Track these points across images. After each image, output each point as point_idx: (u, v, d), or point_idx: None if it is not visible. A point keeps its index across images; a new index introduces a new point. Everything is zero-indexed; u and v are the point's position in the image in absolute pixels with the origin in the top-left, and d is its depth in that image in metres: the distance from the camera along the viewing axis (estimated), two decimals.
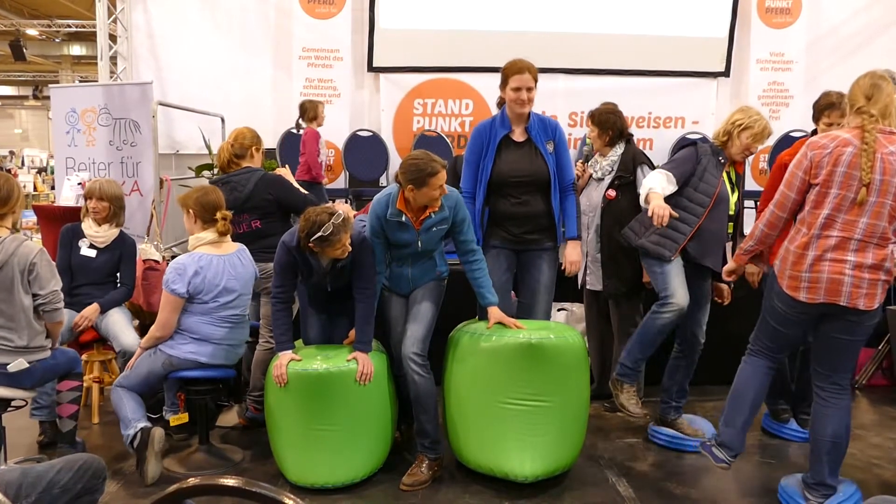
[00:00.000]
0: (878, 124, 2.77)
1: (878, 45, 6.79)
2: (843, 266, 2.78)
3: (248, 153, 3.93)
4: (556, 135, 3.67)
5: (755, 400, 3.12)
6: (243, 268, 3.54)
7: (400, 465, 3.45)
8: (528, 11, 6.64)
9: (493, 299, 3.41)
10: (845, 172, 2.76)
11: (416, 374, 3.30)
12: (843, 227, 2.79)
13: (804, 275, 2.84)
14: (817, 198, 2.83)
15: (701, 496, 3.27)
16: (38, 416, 3.74)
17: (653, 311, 3.61)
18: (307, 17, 6.55)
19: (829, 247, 2.80)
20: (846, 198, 2.77)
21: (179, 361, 3.43)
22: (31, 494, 2.07)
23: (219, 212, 3.50)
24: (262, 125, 6.58)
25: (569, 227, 3.69)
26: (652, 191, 3.43)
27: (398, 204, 3.33)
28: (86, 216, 4.05)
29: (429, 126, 6.72)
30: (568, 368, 3.25)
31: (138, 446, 3.31)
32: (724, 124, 3.61)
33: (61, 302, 3.28)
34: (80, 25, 16.70)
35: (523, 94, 3.53)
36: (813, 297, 2.83)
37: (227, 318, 3.48)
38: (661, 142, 6.80)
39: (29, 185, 14.03)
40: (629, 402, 3.67)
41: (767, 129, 3.54)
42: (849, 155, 2.77)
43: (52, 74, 22.20)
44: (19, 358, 3.16)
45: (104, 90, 5.62)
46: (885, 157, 2.74)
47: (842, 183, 2.77)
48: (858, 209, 2.77)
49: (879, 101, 2.80)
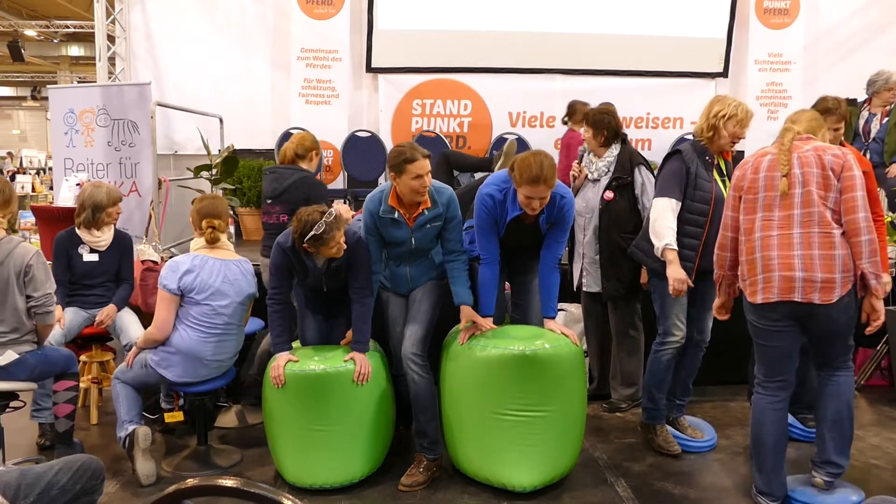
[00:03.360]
0: (791, 133, 2.94)
1: (875, 45, 6.81)
2: (791, 262, 2.82)
3: (309, 155, 4.11)
4: (561, 213, 3.40)
5: (775, 438, 3.01)
6: (242, 276, 3.50)
7: (398, 465, 3.45)
8: (527, 12, 6.65)
9: (467, 299, 3.41)
10: (766, 176, 2.92)
11: (415, 374, 3.30)
12: (782, 224, 2.87)
13: (759, 277, 2.90)
14: (746, 205, 2.97)
15: (699, 496, 3.27)
16: (39, 418, 3.74)
17: (654, 350, 3.65)
18: (305, 17, 6.55)
19: (774, 245, 2.86)
20: (772, 197, 2.89)
21: (171, 381, 3.44)
22: (30, 495, 2.07)
23: (205, 220, 3.49)
24: (261, 125, 6.64)
25: (546, 306, 3.49)
26: (668, 247, 3.40)
27: (390, 200, 3.34)
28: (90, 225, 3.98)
29: (427, 126, 6.72)
30: (563, 377, 3.23)
31: (128, 447, 3.34)
32: (706, 119, 3.51)
33: (54, 305, 3.28)
34: (79, 26, 16.69)
35: (535, 202, 3.24)
36: (768, 296, 2.87)
37: (217, 326, 3.41)
38: (660, 142, 6.81)
39: (27, 185, 14.00)
40: (667, 443, 3.70)
41: (750, 112, 3.52)
42: (767, 161, 2.94)
43: (51, 75, 22.17)
44: (7, 350, 3.15)
45: (102, 91, 5.61)
46: (801, 154, 2.89)
47: (765, 186, 2.91)
48: (789, 203, 2.85)
49: (801, 121, 3.04)
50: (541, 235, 3.45)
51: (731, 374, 4.63)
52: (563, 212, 3.40)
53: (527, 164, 3.18)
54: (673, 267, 3.41)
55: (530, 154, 3.25)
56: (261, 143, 6.59)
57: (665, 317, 3.59)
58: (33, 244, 3.47)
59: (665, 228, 3.43)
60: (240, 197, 6.07)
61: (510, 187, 3.31)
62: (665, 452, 3.67)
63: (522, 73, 6.71)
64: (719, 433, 3.91)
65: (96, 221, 3.98)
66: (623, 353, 4.24)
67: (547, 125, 6.78)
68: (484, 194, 3.36)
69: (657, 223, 3.46)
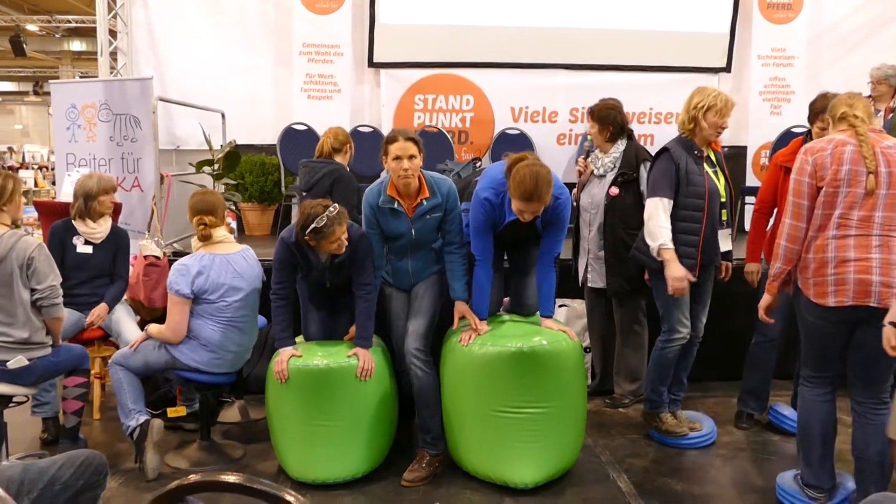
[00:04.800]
0: (865, 124, 2.78)
1: (879, 40, 6.76)
2: (868, 265, 2.69)
3: (344, 149, 4.25)
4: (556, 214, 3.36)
5: (822, 430, 2.94)
6: (248, 265, 3.51)
7: (401, 460, 3.45)
8: (529, 6, 6.62)
9: (462, 294, 3.40)
10: (850, 169, 2.72)
11: (418, 369, 3.31)
12: (860, 225, 2.72)
13: (830, 278, 2.74)
14: (827, 199, 2.77)
15: (702, 492, 3.27)
16: (40, 413, 3.75)
17: (658, 345, 3.65)
18: (307, 12, 6.53)
19: (850, 246, 2.72)
20: (856, 194, 2.72)
21: (182, 364, 3.42)
22: (33, 490, 2.07)
23: (196, 217, 3.48)
24: (263, 121, 6.63)
25: (543, 305, 3.49)
26: (663, 247, 3.38)
27: (389, 190, 3.33)
28: (83, 215, 3.98)
29: (429, 122, 6.69)
30: (563, 373, 3.23)
31: (137, 438, 3.32)
32: (686, 112, 3.50)
33: (60, 297, 3.28)
34: (81, 21, 16.65)
35: (527, 214, 3.20)
36: (842, 300, 2.72)
37: (236, 320, 3.44)
38: (662, 137, 6.75)
39: (30, 181, 14.02)
40: (674, 426, 3.72)
41: (729, 101, 3.49)
42: (850, 152, 2.74)
43: (53, 70, 22.14)
44: (19, 355, 3.16)
45: (104, 86, 5.60)
46: (884, 151, 2.74)
47: (850, 180, 2.72)
48: (871, 204, 2.71)
49: (860, 107, 2.83)
50: (537, 231, 3.43)
51: (732, 370, 4.62)
52: (557, 212, 3.35)
53: (521, 179, 3.09)
54: (671, 266, 3.39)
55: (526, 166, 3.12)
56: (263, 138, 6.57)
57: (669, 314, 3.59)
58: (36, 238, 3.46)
59: (658, 228, 3.42)
60: (242, 192, 6.07)
61: (507, 191, 3.24)
62: (676, 435, 3.70)
63: (525, 68, 6.68)
64: (721, 429, 3.91)
65: (89, 211, 3.97)
66: (627, 349, 4.24)
67: (549, 120, 6.75)
68: (482, 198, 3.31)
69: (650, 223, 3.45)
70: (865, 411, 2.84)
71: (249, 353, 3.65)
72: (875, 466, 2.81)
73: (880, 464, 2.80)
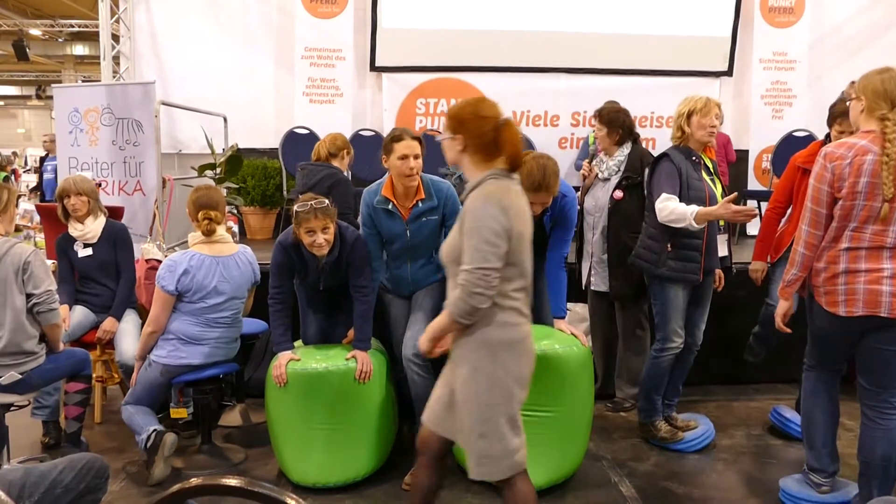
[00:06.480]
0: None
1: (881, 44, 6.78)
2: (879, 276, 2.69)
3: (340, 154, 4.25)
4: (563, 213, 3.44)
5: (825, 414, 2.99)
6: (238, 271, 3.50)
7: (402, 463, 3.45)
8: (531, 11, 6.64)
9: None
10: (869, 182, 2.67)
11: (416, 374, 3.30)
12: (873, 238, 2.71)
13: (840, 288, 2.75)
14: (843, 211, 2.73)
15: (703, 496, 3.27)
16: (40, 416, 3.75)
17: (654, 355, 3.65)
18: (309, 16, 6.55)
19: (862, 258, 2.71)
20: (873, 208, 2.68)
21: (175, 368, 3.42)
22: (34, 494, 2.07)
23: (201, 211, 3.47)
24: (265, 125, 6.65)
25: (555, 305, 3.48)
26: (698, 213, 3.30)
27: (384, 191, 3.33)
28: (68, 220, 4.02)
29: (431, 125, 6.71)
30: (572, 377, 3.23)
31: (150, 447, 3.30)
32: (674, 122, 3.58)
33: (56, 302, 3.27)
34: (83, 25, 16.72)
35: (536, 207, 3.19)
36: (852, 310, 2.73)
37: (215, 320, 3.45)
38: (664, 141, 6.72)
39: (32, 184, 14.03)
40: (669, 434, 3.73)
41: (710, 101, 3.52)
42: (869, 164, 2.67)
43: (55, 74, 22.24)
44: (10, 371, 3.15)
45: (107, 90, 5.62)
46: None
47: (867, 194, 2.68)
48: (886, 218, 2.69)
49: None
50: (545, 234, 3.43)
51: (731, 373, 4.63)
52: (564, 211, 3.38)
53: (528, 170, 3.13)
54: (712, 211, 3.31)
55: (533, 158, 3.21)
56: (265, 142, 6.60)
57: (665, 323, 3.58)
58: (38, 243, 3.48)
59: (680, 210, 3.36)
60: (244, 196, 6.08)
61: None
62: (670, 442, 3.71)
63: (526, 72, 6.70)
64: (722, 433, 3.91)
65: (67, 211, 4.00)
66: (629, 353, 4.23)
67: (551, 124, 6.77)
68: None
69: (671, 215, 3.39)
70: (875, 416, 2.84)
71: (237, 344, 3.64)
72: (879, 471, 2.81)
73: (885, 468, 2.82)
